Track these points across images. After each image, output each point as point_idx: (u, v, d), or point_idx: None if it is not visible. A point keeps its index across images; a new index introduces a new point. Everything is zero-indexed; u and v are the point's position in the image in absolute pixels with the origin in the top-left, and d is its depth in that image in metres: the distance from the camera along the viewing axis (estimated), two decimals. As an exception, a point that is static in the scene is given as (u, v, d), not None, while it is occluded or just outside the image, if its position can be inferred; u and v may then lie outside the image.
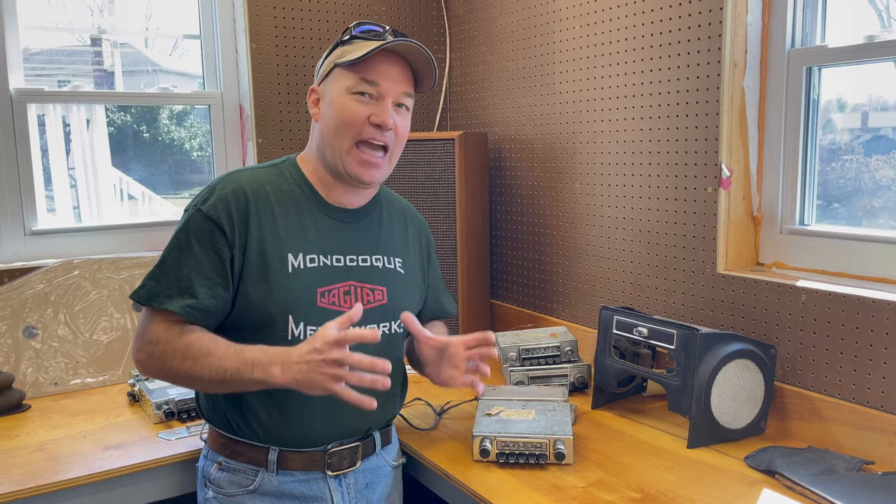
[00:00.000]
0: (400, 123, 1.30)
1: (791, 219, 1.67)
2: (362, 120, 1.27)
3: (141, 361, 1.24)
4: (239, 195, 1.27)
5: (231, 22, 2.30)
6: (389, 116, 1.27)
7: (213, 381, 1.18)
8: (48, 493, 1.35)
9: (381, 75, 1.27)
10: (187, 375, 1.19)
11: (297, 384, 1.14)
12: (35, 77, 2.16)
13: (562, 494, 1.27)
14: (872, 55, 1.49)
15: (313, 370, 1.12)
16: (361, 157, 1.28)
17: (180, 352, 1.19)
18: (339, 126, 1.28)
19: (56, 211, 2.22)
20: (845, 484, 1.26)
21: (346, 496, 1.34)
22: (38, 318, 1.87)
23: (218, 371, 1.17)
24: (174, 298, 1.21)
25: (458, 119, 2.57)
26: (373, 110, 1.27)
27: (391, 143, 1.30)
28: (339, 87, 1.28)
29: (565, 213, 2.12)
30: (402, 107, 1.31)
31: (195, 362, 1.18)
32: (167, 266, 1.24)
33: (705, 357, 1.46)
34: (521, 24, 2.22)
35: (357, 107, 1.27)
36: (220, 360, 1.17)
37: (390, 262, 1.39)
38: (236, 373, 1.16)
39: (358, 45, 1.28)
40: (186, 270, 1.23)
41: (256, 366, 1.15)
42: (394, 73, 1.28)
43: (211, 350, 1.18)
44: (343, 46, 1.30)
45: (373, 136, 1.28)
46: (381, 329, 1.34)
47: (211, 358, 1.17)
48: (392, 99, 1.29)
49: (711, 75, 1.66)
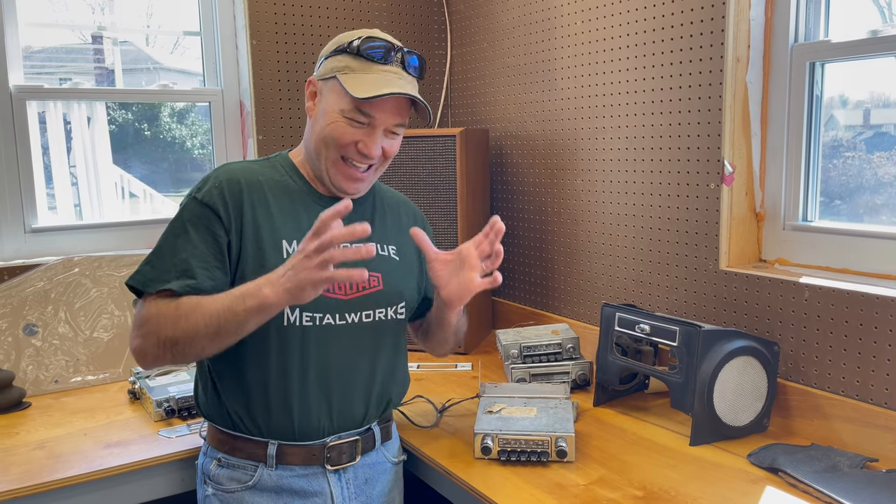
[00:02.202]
0: (388, 146, 1.30)
1: (794, 215, 1.66)
2: (349, 143, 1.26)
3: (137, 349, 1.20)
4: (233, 183, 1.27)
5: (231, 19, 2.30)
6: (376, 147, 1.27)
7: (211, 332, 1.13)
8: (48, 492, 1.35)
9: (377, 110, 1.25)
10: (184, 334, 1.14)
11: (290, 295, 1.09)
12: (37, 75, 2.15)
13: (564, 492, 1.27)
14: (876, 50, 1.48)
15: (299, 272, 1.08)
16: (346, 171, 1.29)
17: (171, 316, 1.15)
18: (326, 140, 1.27)
19: (57, 209, 2.22)
20: (849, 481, 1.26)
21: (345, 491, 1.33)
22: (38, 315, 1.87)
23: (211, 316, 1.12)
24: (171, 280, 1.20)
25: (459, 115, 2.57)
26: (362, 137, 1.26)
27: (376, 164, 1.31)
28: (333, 103, 1.27)
29: (567, 210, 2.11)
30: (396, 132, 1.31)
31: (188, 318, 1.14)
32: (163, 252, 1.23)
33: (708, 354, 1.46)
34: (523, 19, 2.21)
35: (347, 129, 1.26)
36: (212, 304, 1.13)
37: (384, 249, 1.38)
38: (229, 311, 1.11)
39: (363, 65, 1.26)
40: (184, 255, 1.21)
41: (247, 295, 1.11)
42: (389, 107, 1.27)
43: (200, 302, 1.15)
44: (348, 57, 1.27)
45: (356, 160, 1.28)
46: (378, 316, 1.34)
47: (201, 307, 1.14)
48: (384, 128, 1.28)
49: (714, 71, 1.65)
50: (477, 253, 1.30)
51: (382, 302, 1.35)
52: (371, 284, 1.34)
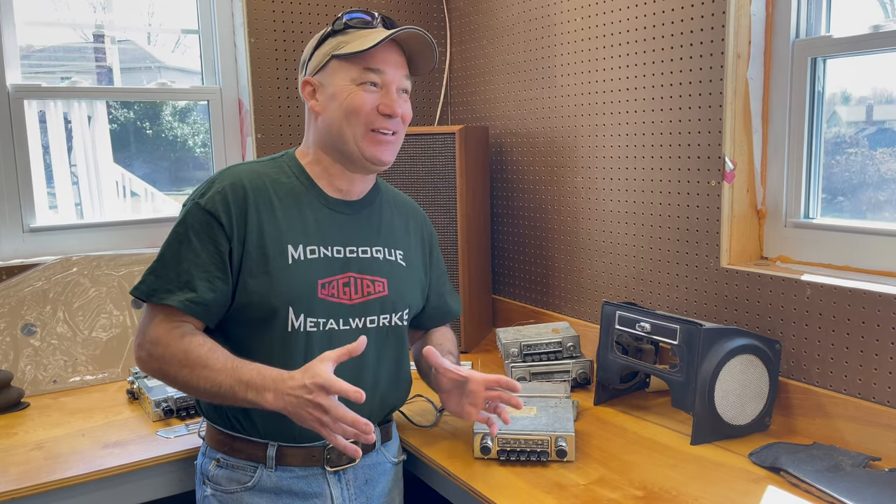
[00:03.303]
0: (404, 109, 1.33)
1: (796, 212, 1.65)
2: (371, 109, 1.28)
3: (141, 359, 1.24)
4: (237, 188, 1.27)
5: (230, 17, 2.29)
6: (397, 104, 1.30)
7: (209, 394, 1.19)
8: (46, 492, 1.34)
9: (384, 63, 1.29)
10: (184, 383, 1.20)
11: (288, 414, 1.14)
12: (39, 74, 2.15)
13: (564, 492, 1.26)
14: (878, 45, 1.47)
15: (302, 407, 1.12)
16: (375, 138, 1.30)
17: (179, 358, 1.19)
18: (348, 116, 1.29)
19: (58, 208, 2.22)
20: (851, 481, 1.25)
21: (345, 492, 1.33)
22: (36, 315, 1.87)
23: (213, 385, 1.17)
24: (174, 293, 1.21)
25: (458, 113, 2.56)
26: (381, 100, 1.29)
27: (399, 129, 1.33)
28: (342, 79, 1.29)
29: (567, 208, 2.10)
30: (405, 92, 1.34)
31: (192, 372, 1.18)
32: (166, 260, 1.24)
33: (709, 352, 1.45)
34: (522, 17, 2.20)
35: (365, 97, 1.28)
36: (217, 374, 1.17)
37: (391, 254, 1.38)
38: (230, 390, 1.16)
39: (354, 34, 1.29)
40: (185, 265, 1.22)
41: (251, 388, 1.15)
42: (394, 60, 1.31)
43: (208, 362, 1.18)
44: (337, 37, 1.30)
45: (384, 125, 1.30)
46: (382, 322, 1.33)
47: (207, 371, 1.17)
48: (396, 86, 1.31)
49: (715, 67, 1.64)
50: (483, 396, 1.33)
51: (387, 308, 1.34)
52: (376, 289, 1.33)
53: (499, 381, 1.32)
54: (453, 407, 1.37)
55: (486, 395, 1.32)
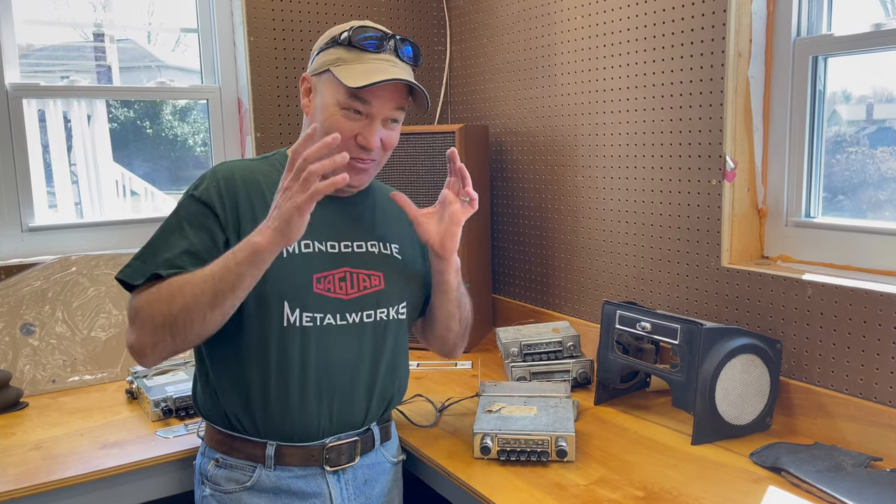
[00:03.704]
0: (387, 137, 1.28)
1: (797, 211, 1.64)
2: (348, 137, 1.24)
3: (134, 345, 1.17)
4: (230, 181, 1.26)
5: (229, 15, 2.28)
6: (375, 137, 1.25)
7: (208, 297, 1.10)
8: (44, 493, 1.34)
9: (373, 95, 1.23)
10: (180, 310, 1.11)
11: (279, 233, 1.08)
12: (40, 73, 2.14)
13: (564, 492, 1.25)
14: (880, 44, 1.46)
15: (284, 202, 1.07)
16: (349, 164, 1.26)
17: (164, 296, 1.13)
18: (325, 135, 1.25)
19: (58, 207, 2.21)
20: (853, 481, 1.24)
21: (344, 492, 1.32)
22: (35, 315, 1.86)
23: (206, 281, 1.10)
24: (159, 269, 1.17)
25: (458, 112, 2.55)
26: (360, 130, 1.25)
27: (378, 157, 1.29)
28: (329, 97, 1.26)
29: (567, 207, 2.09)
30: (394, 122, 1.29)
31: (182, 292, 1.11)
32: (155, 247, 1.22)
33: (710, 352, 1.44)
34: (522, 15, 2.19)
35: (345, 123, 1.24)
36: (203, 272, 1.11)
37: (386, 248, 1.37)
38: (224, 269, 1.09)
39: (356, 56, 1.24)
40: (177, 251, 1.19)
41: (238, 249, 1.10)
42: (386, 94, 1.25)
43: (192, 274, 1.13)
44: (340, 49, 1.26)
45: (357, 155, 1.26)
46: (379, 316, 1.33)
47: (194, 277, 1.12)
48: (382, 118, 1.26)
49: (715, 65, 1.63)
50: (452, 191, 1.33)
51: (384, 302, 1.33)
52: (372, 283, 1.32)
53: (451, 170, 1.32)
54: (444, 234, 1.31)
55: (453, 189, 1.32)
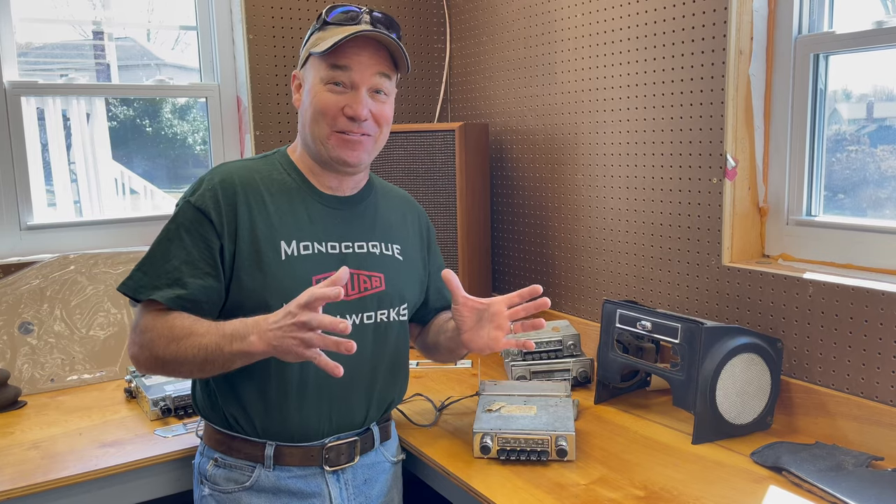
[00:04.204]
0: (378, 110, 1.27)
1: (798, 209, 1.64)
2: (336, 111, 1.24)
3: (134, 355, 1.22)
4: (227, 185, 1.26)
5: (228, 13, 2.27)
6: (363, 106, 1.24)
7: (198, 362, 1.14)
8: (42, 492, 1.33)
9: (351, 60, 1.23)
10: (173, 358, 1.16)
11: (275, 350, 1.10)
12: (38, 71, 2.14)
13: (564, 492, 1.25)
14: (882, 41, 1.46)
15: (286, 335, 1.07)
16: (342, 139, 1.26)
17: (165, 335, 1.17)
18: (315, 116, 1.26)
19: (57, 206, 2.21)
20: (854, 480, 1.24)
21: (343, 492, 1.32)
22: (33, 313, 1.86)
23: (200, 349, 1.14)
24: (161, 289, 1.20)
25: (458, 110, 2.54)
26: (346, 101, 1.24)
27: (372, 132, 1.28)
28: (314, 77, 1.26)
29: (568, 205, 2.09)
30: (380, 93, 1.27)
31: (179, 344, 1.15)
32: (155, 257, 1.23)
33: (710, 351, 1.44)
34: (522, 13, 2.18)
35: (330, 97, 1.24)
36: (202, 337, 1.14)
37: (388, 249, 1.36)
38: (217, 348, 1.13)
39: (331, 31, 1.25)
40: (176, 262, 1.21)
41: (235, 338, 1.12)
42: (365, 58, 1.24)
43: (193, 329, 1.15)
44: (318, 33, 1.28)
45: (348, 128, 1.25)
46: (380, 317, 1.32)
47: (193, 337, 1.14)
48: (367, 86, 1.25)
49: (716, 63, 1.63)
50: (508, 314, 1.29)
51: (385, 303, 1.33)
52: (373, 285, 1.32)
53: (520, 294, 1.28)
54: (478, 341, 1.30)
55: (510, 313, 1.29)
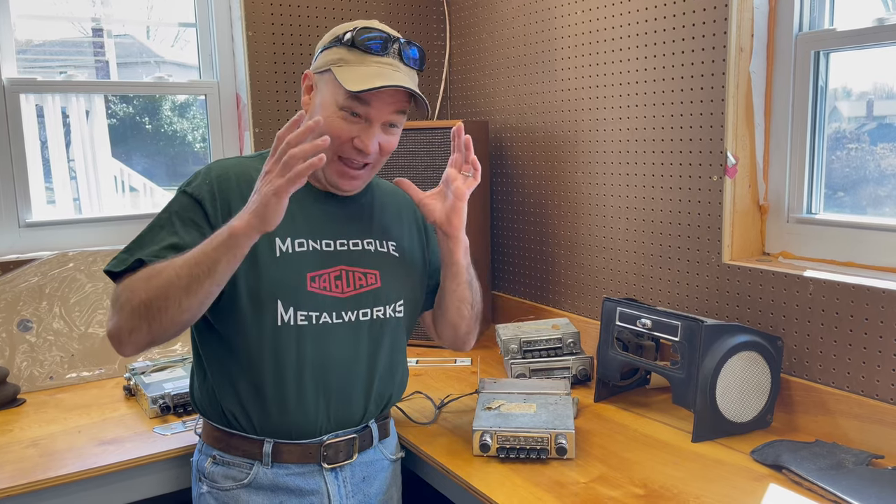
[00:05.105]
0: (385, 141, 1.26)
1: (798, 207, 1.63)
2: (346, 139, 1.23)
3: (111, 331, 1.15)
4: (223, 179, 1.25)
5: (227, 10, 2.27)
6: (373, 142, 1.23)
7: (183, 281, 1.08)
8: (41, 490, 1.33)
9: (373, 102, 1.21)
10: (156, 293, 1.09)
11: (257, 216, 1.05)
12: (37, 69, 2.13)
13: (563, 490, 1.25)
14: (883, 39, 1.45)
15: (264, 186, 1.05)
16: (342, 169, 1.26)
17: (142, 278, 1.12)
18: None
19: (56, 203, 2.20)
20: (854, 479, 1.24)
21: (342, 489, 1.31)
22: (32, 311, 1.85)
23: (182, 265, 1.08)
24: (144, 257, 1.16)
25: (458, 107, 2.54)
26: (358, 133, 1.23)
27: (373, 161, 1.27)
28: (328, 96, 1.24)
29: (567, 203, 2.08)
30: (394, 126, 1.27)
31: (159, 275, 1.10)
32: (144, 240, 1.21)
33: (710, 349, 1.43)
34: (522, 10, 2.18)
35: (343, 125, 1.22)
36: (181, 258, 1.09)
37: (383, 246, 1.36)
38: (200, 253, 1.08)
39: (358, 57, 1.22)
40: (164, 244, 1.18)
41: (216, 236, 1.08)
42: (386, 97, 1.22)
43: (172, 260, 1.11)
44: (343, 49, 1.24)
45: (353, 156, 1.24)
46: (376, 314, 1.32)
47: (172, 263, 1.10)
48: (382, 122, 1.24)
49: (717, 60, 1.62)
50: (455, 169, 1.33)
51: (380, 300, 1.32)
52: (368, 282, 1.31)
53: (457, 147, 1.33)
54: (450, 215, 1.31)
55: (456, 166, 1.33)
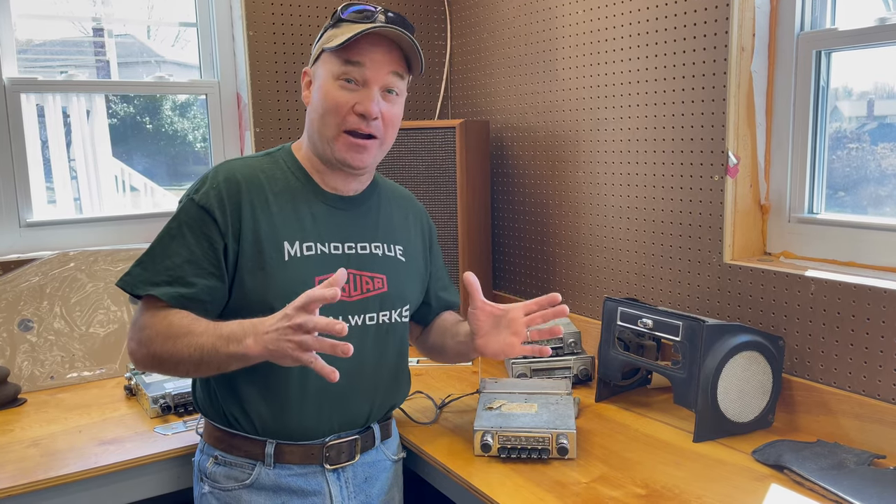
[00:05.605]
0: (388, 110, 1.26)
1: (800, 207, 1.63)
2: (347, 109, 1.23)
3: (132, 351, 1.21)
4: (231, 183, 1.25)
5: (228, 10, 2.27)
6: (374, 104, 1.23)
7: (194, 361, 1.13)
8: (42, 490, 1.33)
9: (365, 56, 1.23)
10: (170, 357, 1.15)
11: (270, 354, 1.08)
12: (38, 68, 2.13)
13: (564, 490, 1.25)
14: (885, 38, 1.45)
15: (282, 338, 1.06)
16: (348, 141, 1.25)
17: (163, 332, 1.16)
18: (324, 114, 1.25)
19: (57, 203, 2.20)
20: (855, 479, 1.23)
21: (344, 490, 1.31)
22: (33, 311, 1.85)
23: (196, 349, 1.13)
24: (160, 286, 1.19)
25: (459, 107, 2.54)
26: (357, 98, 1.23)
27: (378, 133, 1.27)
28: (326, 73, 1.25)
29: (568, 203, 2.08)
30: (392, 92, 1.27)
31: (176, 342, 1.14)
32: (155, 254, 1.22)
33: (712, 349, 1.43)
34: (523, 9, 2.18)
35: (341, 94, 1.23)
36: (199, 337, 1.13)
37: (390, 250, 1.36)
38: (213, 350, 1.12)
39: (346, 28, 1.24)
40: (177, 259, 1.20)
41: (232, 340, 1.11)
42: (379, 56, 1.23)
43: (191, 329, 1.14)
44: (332, 30, 1.27)
45: (357, 126, 1.24)
46: (381, 319, 1.32)
47: (190, 336, 1.13)
48: (379, 85, 1.24)
49: (718, 60, 1.62)
50: (525, 321, 1.30)
51: (387, 304, 1.33)
52: (375, 286, 1.31)
53: (538, 301, 1.29)
54: (493, 346, 1.31)
55: (527, 320, 1.29)
